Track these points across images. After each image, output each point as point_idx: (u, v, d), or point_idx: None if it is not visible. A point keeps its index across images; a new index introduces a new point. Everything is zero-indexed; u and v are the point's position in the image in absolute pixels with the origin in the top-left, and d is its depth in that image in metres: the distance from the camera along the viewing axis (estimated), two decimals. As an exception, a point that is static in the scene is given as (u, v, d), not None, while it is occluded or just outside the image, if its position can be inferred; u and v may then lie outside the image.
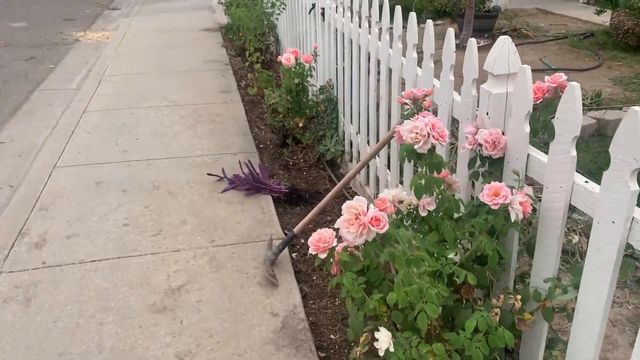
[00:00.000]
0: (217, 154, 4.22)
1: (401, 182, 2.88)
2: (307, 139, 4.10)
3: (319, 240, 1.66)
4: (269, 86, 5.39)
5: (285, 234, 3.18)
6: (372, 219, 1.56)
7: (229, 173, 3.83)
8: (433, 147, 1.70)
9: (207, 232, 3.17)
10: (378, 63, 3.06)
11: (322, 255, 1.66)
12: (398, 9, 2.68)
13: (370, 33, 3.11)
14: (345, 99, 3.75)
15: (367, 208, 1.58)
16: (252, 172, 3.64)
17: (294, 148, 4.29)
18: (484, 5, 7.48)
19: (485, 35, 7.24)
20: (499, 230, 1.61)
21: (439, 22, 8.49)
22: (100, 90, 5.74)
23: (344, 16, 3.60)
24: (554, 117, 1.53)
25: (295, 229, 2.84)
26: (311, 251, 1.67)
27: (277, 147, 4.45)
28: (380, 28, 2.94)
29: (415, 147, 1.66)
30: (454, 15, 8.38)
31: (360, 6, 3.21)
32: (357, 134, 3.61)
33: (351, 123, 3.74)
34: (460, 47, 5.82)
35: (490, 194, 1.58)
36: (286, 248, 2.92)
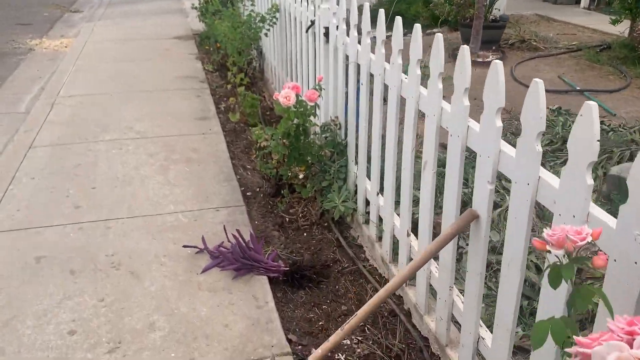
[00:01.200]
0: (194, 210, 3.36)
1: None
2: (308, 191, 3.27)
3: None
4: (254, 113, 4.57)
5: (290, 342, 2.36)
6: None
7: (211, 240, 2.99)
8: None
9: (184, 343, 2.33)
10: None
11: None
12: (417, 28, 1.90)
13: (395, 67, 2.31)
14: (360, 144, 2.94)
15: None
16: (241, 244, 2.80)
17: (290, 199, 3.47)
18: (490, 12, 6.74)
19: (494, 48, 6.50)
20: None
21: (436, 30, 7.73)
22: (53, 116, 4.81)
23: (359, 42, 2.79)
24: None
25: None
26: None
27: (269, 196, 3.61)
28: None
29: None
30: (452, 24, 7.64)
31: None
32: (377, 194, 2.80)
33: (368, 178, 2.94)
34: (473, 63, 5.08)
35: None
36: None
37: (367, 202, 3.01)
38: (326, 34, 3.32)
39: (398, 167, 2.51)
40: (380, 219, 2.83)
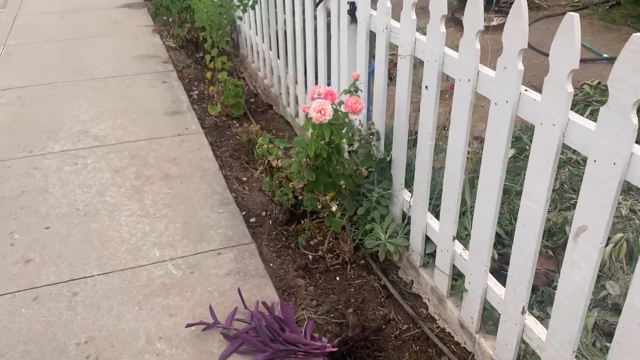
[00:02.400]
0: (188, 255, 2.54)
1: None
2: (339, 222, 2.48)
3: None
4: (238, 104, 3.72)
5: None
6: None
7: (220, 306, 2.20)
8: None
9: None
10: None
11: None
12: None
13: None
14: (422, 161, 2.15)
15: None
16: (269, 322, 2.01)
17: (310, 227, 2.68)
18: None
19: (496, 9, 5.73)
20: None
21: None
22: (-17, 119, 3.81)
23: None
24: None
25: None
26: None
27: (282, 224, 2.81)
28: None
29: None
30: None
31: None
32: (453, 239, 2.04)
33: (433, 214, 2.18)
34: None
35: None
36: None
37: (426, 240, 2.27)
38: (352, 11, 2.48)
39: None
40: (458, 272, 2.08)
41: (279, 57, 3.74)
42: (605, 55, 4.66)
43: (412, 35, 2.03)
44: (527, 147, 2.99)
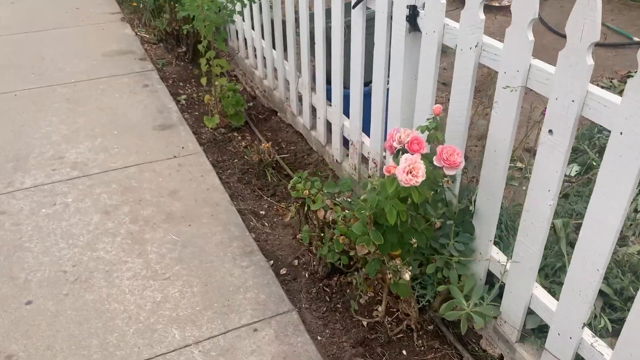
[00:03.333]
0: (217, 335, 2.01)
1: None
2: (407, 288, 1.98)
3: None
4: (239, 113, 3.20)
5: None
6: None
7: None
8: None
9: None
10: None
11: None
12: None
13: None
14: (530, 227, 1.67)
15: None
16: None
17: (363, 286, 2.18)
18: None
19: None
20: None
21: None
22: None
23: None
24: None
25: None
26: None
27: (321, 279, 2.30)
28: None
29: None
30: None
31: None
32: (583, 326, 1.58)
33: (548, 291, 1.72)
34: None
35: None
36: None
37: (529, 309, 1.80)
38: (411, 18, 1.94)
39: None
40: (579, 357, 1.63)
41: (286, 59, 3.17)
42: (635, 39, 4.24)
43: (525, 60, 1.52)
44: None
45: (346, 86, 2.60)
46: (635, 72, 1.26)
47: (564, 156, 1.47)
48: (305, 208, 2.12)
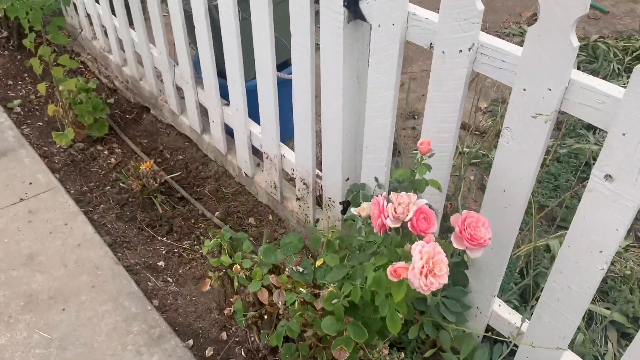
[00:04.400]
0: None
1: None
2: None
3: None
4: (102, 121, 2.48)
5: None
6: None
7: None
8: None
9: None
10: None
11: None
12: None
13: None
14: (560, 296, 1.24)
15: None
16: None
17: None
18: None
19: None
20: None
21: None
22: None
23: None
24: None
25: None
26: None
27: (264, 358, 1.73)
28: None
29: None
30: None
31: None
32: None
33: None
34: None
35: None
36: None
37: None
38: (352, 2, 1.34)
39: None
40: None
41: (154, 44, 2.41)
42: (608, 10, 3.89)
43: (564, 76, 1.00)
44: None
45: (248, 79, 1.95)
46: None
47: (631, 210, 1.00)
48: (235, 282, 1.51)
